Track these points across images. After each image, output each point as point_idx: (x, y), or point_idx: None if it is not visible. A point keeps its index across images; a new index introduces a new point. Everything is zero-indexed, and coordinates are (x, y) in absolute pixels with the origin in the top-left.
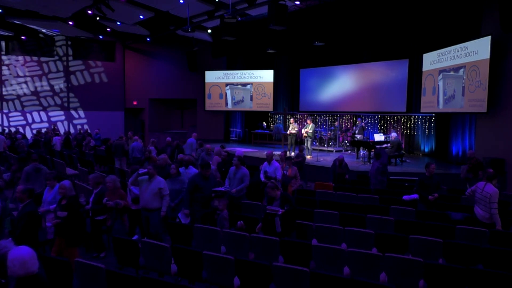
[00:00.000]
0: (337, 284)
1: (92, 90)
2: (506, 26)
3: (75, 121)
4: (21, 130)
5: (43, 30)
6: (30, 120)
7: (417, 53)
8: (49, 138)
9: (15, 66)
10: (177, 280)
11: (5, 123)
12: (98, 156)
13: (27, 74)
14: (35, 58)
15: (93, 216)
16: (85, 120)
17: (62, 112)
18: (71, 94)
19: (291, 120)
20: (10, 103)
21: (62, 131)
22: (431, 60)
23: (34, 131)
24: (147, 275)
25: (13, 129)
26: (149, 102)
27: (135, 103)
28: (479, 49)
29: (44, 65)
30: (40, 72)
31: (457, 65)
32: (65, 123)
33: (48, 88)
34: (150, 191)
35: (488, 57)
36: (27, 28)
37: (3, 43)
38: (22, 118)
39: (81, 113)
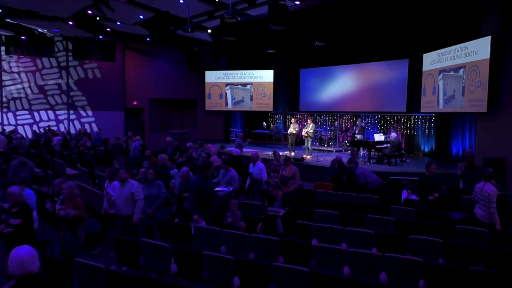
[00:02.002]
0: (337, 284)
1: (92, 90)
2: (506, 26)
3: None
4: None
5: (43, 30)
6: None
7: (417, 53)
8: (49, 138)
9: (11, 70)
10: (177, 280)
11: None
12: (98, 156)
13: (27, 74)
14: (35, 58)
15: None
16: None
17: (65, 112)
18: (71, 94)
19: (293, 120)
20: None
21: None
22: (431, 60)
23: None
24: (147, 275)
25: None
26: (149, 102)
27: (135, 103)
28: (479, 49)
29: (44, 65)
30: (40, 72)
31: (457, 65)
32: (68, 122)
33: (48, 88)
34: (122, 196)
35: (488, 57)
36: (27, 28)
37: (3, 43)
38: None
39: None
